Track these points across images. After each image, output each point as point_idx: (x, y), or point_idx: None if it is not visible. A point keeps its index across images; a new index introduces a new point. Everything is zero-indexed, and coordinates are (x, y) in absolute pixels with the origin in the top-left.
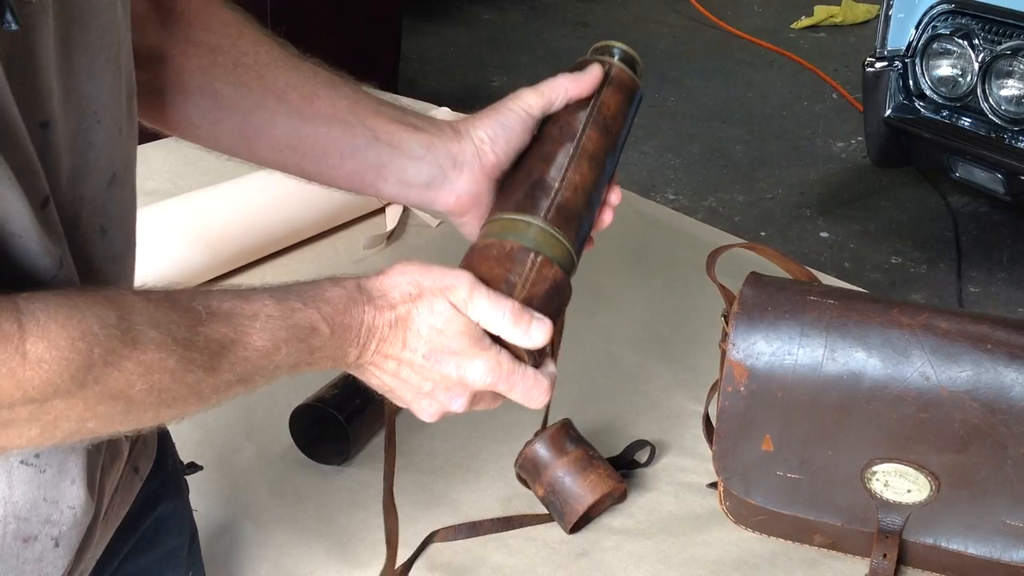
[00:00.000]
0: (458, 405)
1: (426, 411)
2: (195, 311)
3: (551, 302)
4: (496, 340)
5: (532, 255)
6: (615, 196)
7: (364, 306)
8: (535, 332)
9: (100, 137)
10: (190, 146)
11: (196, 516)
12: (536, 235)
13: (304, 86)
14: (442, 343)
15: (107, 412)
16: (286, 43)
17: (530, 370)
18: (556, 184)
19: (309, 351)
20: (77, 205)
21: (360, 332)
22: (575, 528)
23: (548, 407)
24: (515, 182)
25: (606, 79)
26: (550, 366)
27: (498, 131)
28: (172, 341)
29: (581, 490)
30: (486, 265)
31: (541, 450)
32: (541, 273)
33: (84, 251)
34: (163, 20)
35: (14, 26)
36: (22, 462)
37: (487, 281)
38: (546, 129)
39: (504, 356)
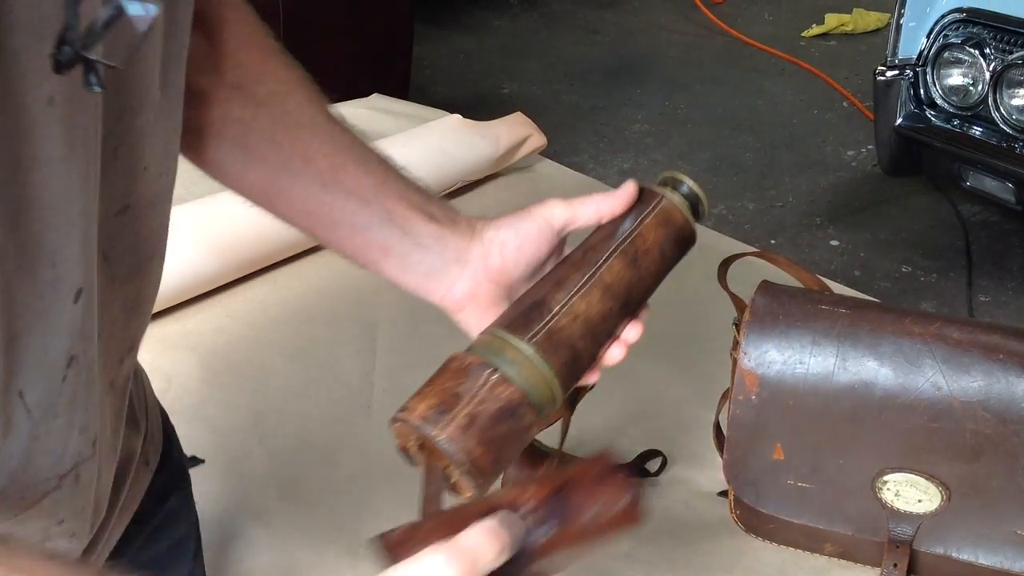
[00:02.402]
0: None
1: None
2: None
3: (499, 424)
4: None
5: (488, 371)
6: (633, 333)
7: None
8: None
9: (113, 172)
10: None
11: (206, 519)
12: (511, 356)
13: (335, 155)
14: None
15: None
16: (333, 107)
17: None
18: (556, 308)
19: None
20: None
21: None
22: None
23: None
24: (521, 300)
25: (653, 209)
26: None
27: (511, 235)
28: None
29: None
30: (440, 379)
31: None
32: (494, 391)
33: (84, 277)
34: (217, 66)
35: (97, 88)
36: None
37: (435, 395)
38: (573, 251)
39: None
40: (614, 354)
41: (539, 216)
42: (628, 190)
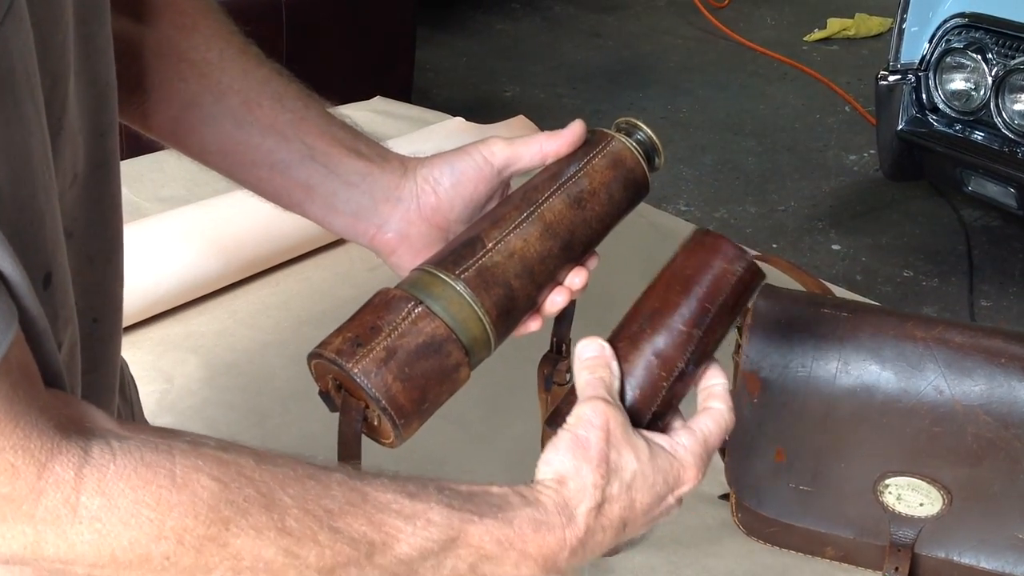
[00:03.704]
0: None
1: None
2: (330, 497)
3: (422, 359)
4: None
5: (411, 304)
6: (579, 279)
7: (563, 530)
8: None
9: (61, 142)
10: None
11: None
12: (438, 290)
13: (248, 91)
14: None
15: None
16: (249, 43)
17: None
18: (490, 244)
19: (471, 571)
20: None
21: (561, 555)
22: None
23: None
24: (456, 239)
25: (602, 150)
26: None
27: (445, 172)
28: (276, 532)
29: None
30: (361, 313)
31: None
32: (416, 324)
33: (53, 259)
34: (115, 0)
35: None
36: None
37: (353, 328)
38: (513, 191)
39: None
40: (556, 300)
41: (477, 154)
42: (574, 129)
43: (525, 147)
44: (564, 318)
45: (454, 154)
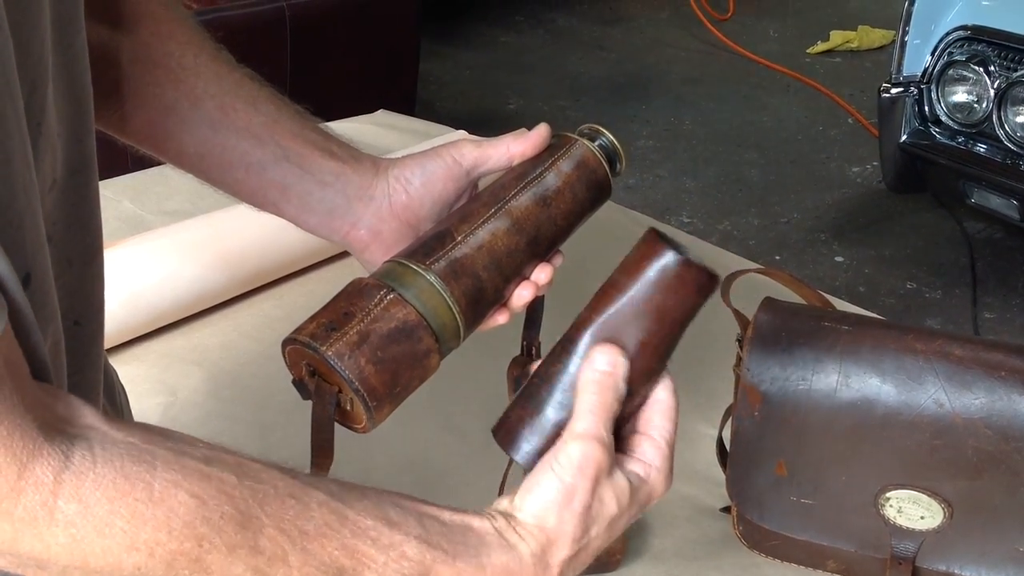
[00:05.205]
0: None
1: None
2: (308, 518)
3: (394, 344)
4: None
5: (383, 291)
6: (544, 275)
7: None
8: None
9: (39, 148)
10: None
11: None
12: (409, 279)
13: (222, 96)
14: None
15: None
16: (221, 49)
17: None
18: (459, 237)
19: None
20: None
21: None
22: None
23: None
24: (426, 233)
25: (566, 152)
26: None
27: (416, 172)
28: (248, 550)
29: None
30: (335, 301)
31: None
32: (388, 310)
33: (33, 260)
34: (91, 8)
35: None
36: None
37: (327, 314)
38: (482, 191)
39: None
40: (523, 295)
41: (447, 155)
42: (540, 132)
43: (493, 148)
44: (533, 321)
45: (424, 155)
